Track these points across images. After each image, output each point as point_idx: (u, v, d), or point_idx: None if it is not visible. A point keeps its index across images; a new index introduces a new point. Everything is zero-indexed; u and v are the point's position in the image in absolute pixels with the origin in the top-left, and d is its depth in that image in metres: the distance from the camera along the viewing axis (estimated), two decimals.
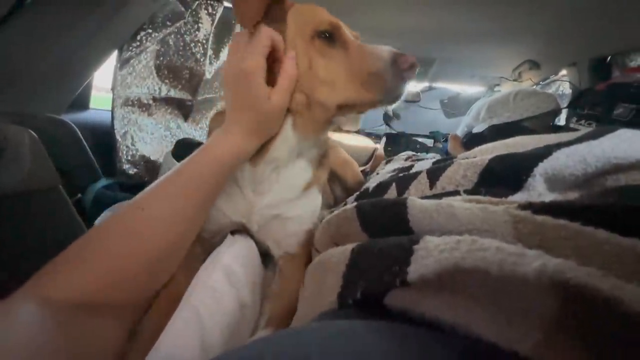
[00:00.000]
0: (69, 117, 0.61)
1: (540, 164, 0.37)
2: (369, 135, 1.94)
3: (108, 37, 0.64)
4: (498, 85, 1.69)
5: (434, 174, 0.49)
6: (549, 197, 0.36)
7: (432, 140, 2.03)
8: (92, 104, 0.92)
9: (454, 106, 2.02)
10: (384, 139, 1.55)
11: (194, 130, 1.05)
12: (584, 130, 0.46)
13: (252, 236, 0.55)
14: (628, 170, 0.35)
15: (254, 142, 0.46)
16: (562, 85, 1.39)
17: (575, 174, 0.36)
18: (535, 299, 0.15)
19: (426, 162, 0.61)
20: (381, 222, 0.32)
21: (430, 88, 1.96)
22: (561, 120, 1.25)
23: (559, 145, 0.40)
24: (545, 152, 0.39)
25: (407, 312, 0.20)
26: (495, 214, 0.23)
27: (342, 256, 0.29)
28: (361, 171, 1.02)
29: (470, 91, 1.97)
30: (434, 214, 0.26)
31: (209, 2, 0.81)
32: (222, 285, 0.44)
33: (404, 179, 0.51)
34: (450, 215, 0.25)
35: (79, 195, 0.62)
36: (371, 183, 0.64)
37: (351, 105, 0.47)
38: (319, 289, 0.32)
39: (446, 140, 2.04)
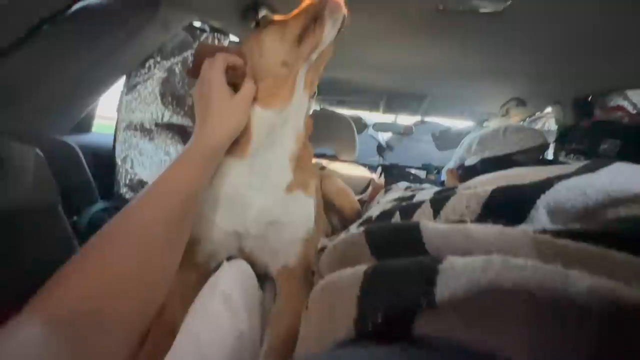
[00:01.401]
0: (71, 139, 0.61)
1: (543, 196, 0.38)
2: (362, 166, 1.98)
3: (118, 64, 0.66)
4: (487, 120, 1.77)
5: (437, 204, 0.50)
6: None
7: (425, 172, 2.07)
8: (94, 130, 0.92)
9: (445, 139, 2.10)
10: (379, 169, 1.58)
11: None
12: (575, 163, 0.48)
13: (247, 257, 0.54)
14: (627, 203, 0.37)
15: (223, 139, 0.49)
16: (548, 121, 1.46)
17: (577, 207, 0.37)
18: (585, 320, 0.15)
19: (427, 191, 0.62)
20: (393, 245, 0.32)
21: (422, 122, 2.04)
22: (549, 154, 1.31)
23: (559, 178, 0.41)
24: (546, 185, 0.40)
25: (437, 337, 0.20)
26: (513, 235, 0.23)
27: (354, 278, 0.28)
28: (358, 200, 1.02)
29: (461, 125, 2.05)
30: (449, 235, 0.26)
31: (216, 35, 0.85)
32: (221, 312, 0.43)
33: (407, 208, 0.51)
34: (466, 236, 0.25)
35: (75, 217, 0.60)
36: (374, 211, 0.64)
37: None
38: (329, 314, 0.30)
39: (438, 172, 2.08)
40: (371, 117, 2.10)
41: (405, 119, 1.98)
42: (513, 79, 1.24)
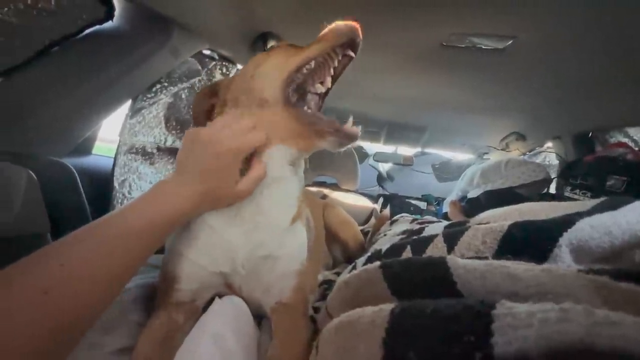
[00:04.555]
0: (70, 161, 0.59)
1: (565, 234, 0.36)
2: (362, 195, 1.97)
3: (125, 88, 0.66)
4: (487, 153, 1.78)
5: (450, 239, 0.47)
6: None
7: (425, 203, 2.06)
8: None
9: (445, 171, 2.10)
10: (381, 200, 1.56)
11: None
12: (589, 201, 0.47)
13: (237, 294, 0.50)
14: None
15: (203, 209, 0.45)
16: (548, 156, 1.48)
17: (602, 246, 0.35)
18: None
19: (437, 225, 0.59)
20: (417, 283, 0.30)
21: (422, 153, 2.05)
22: (551, 188, 1.30)
23: (580, 215, 0.39)
24: (568, 222, 0.38)
25: None
26: (565, 277, 0.21)
27: (378, 318, 0.25)
28: (360, 230, 1.00)
29: (461, 157, 2.07)
30: (486, 274, 0.24)
31: (224, 63, 0.86)
32: (213, 354, 0.39)
33: (419, 242, 0.49)
34: (509, 276, 0.23)
35: None
36: (382, 244, 0.62)
37: None
38: (346, 356, 0.27)
39: (439, 204, 2.07)
40: (372, 146, 2.11)
41: (406, 150, 2.00)
42: (513, 114, 1.26)
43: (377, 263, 0.34)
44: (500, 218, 0.58)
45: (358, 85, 1.18)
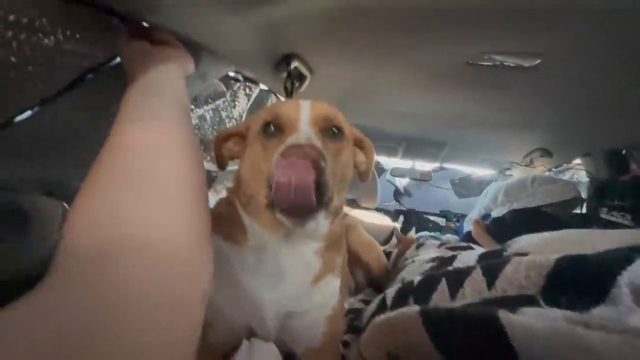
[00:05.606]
0: None
1: (625, 273, 0.34)
2: (377, 210, 1.93)
3: None
4: (509, 169, 1.73)
5: (490, 272, 0.45)
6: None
7: (444, 219, 2.00)
8: None
9: (465, 187, 2.05)
10: (401, 218, 1.53)
11: (214, 199, 1.03)
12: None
13: (266, 338, 0.49)
14: None
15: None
16: (577, 173, 1.42)
17: None
18: None
19: (469, 253, 0.57)
20: (465, 340, 0.27)
21: (441, 168, 2.01)
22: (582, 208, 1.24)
23: (639, 251, 0.36)
24: (626, 258, 0.35)
25: None
26: None
27: None
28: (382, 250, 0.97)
29: (481, 173, 2.02)
30: (552, 340, 0.22)
31: (247, 84, 0.87)
32: None
33: (454, 275, 0.47)
34: (581, 348, 0.20)
35: None
36: (412, 274, 0.59)
37: None
38: None
39: (458, 220, 2.01)
40: (389, 161, 2.09)
41: (424, 165, 1.96)
42: (538, 129, 1.22)
43: (416, 308, 0.32)
44: (540, 248, 0.55)
45: (377, 101, 1.17)
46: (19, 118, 0.44)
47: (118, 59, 0.54)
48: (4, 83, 0.41)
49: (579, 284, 0.37)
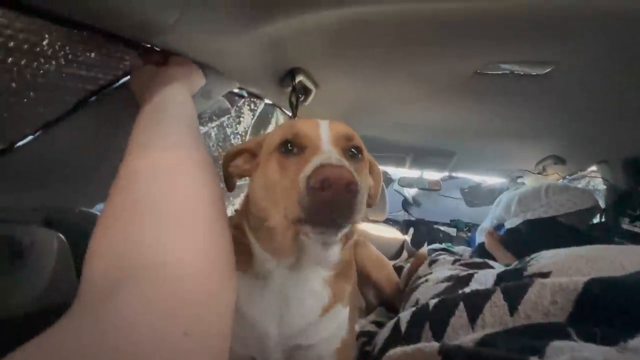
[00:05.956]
0: (99, 207, 0.59)
1: None
2: (385, 221, 1.90)
3: None
4: (521, 177, 1.69)
5: (512, 296, 0.42)
6: None
7: (455, 229, 1.96)
8: None
9: (475, 195, 2.01)
10: (411, 230, 1.50)
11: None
12: None
13: None
14: None
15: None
16: (593, 180, 1.37)
17: None
18: None
19: (488, 272, 0.54)
20: None
21: (450, 177, 1.98)
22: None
23: None
24: None
25: None
26: None
27: None
28: (392, 265, 0.93)
29: (492, 181, 1.98)
30: None
31: (252, 99, 0.87)
32: None
33: (473, 298, 0.44)
34: None
35: None
36: (426, 295, 0.56)
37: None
38: None
39: (469, 230, 1.96)
40: (396, 171, 2.07)
41: (432, 174, 1.93)
42: (550, 137, 1.19)
43: (436, 346, 0.29)
44: (563, 267, 0.52)
45: (383, 113, 1.15)
46: (19, 143, 0.43)
47: (120, 82, 0.54)
48: (4, 108, 0.40)
49: (611, 311, 0.34)
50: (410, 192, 2.06)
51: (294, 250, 0.42)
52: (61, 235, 0.36)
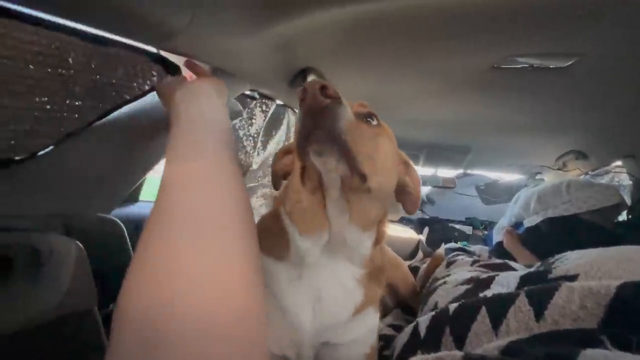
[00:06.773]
0: (116, 212, 0.59)
1: None
2: (399, 220, 1.86)
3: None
4: (539, 173, 1.63)
5: (537, 300, 0.40)
6: None
7: (471, 228, 1.91)
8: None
9: (491, 192, 1.96)
10: (426, 230, 1.47)
11: None
12: None
13: None
14: None
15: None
16: (617, 176, 1.31)
17: None
18: None
19: (510, 275, 0.52)
20: None
21: (465, 174, 1.93)
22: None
23: None
24: None
25: None
26: None
27: None
28: (408, 266, 0.92)
29: (509, 178, 1.92)
30: None
31: (264, 101, 0.86)
32: None
33: (496, 302, 0.42)
34: None
35: (111, 305, 0.55)
36: (445, 298, 0.55)
37: None
38: None
39: (486, 228, 1.91)
40: None
41: (446, 171, 1.89)
42: (572, 131, 1.14)
43: (458, 355, 0.28)
44: (591, 269, 0.49)
45: (395, 110, 1.13)
46: (41, 152, 0.44)
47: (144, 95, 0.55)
48: (28, 121, 0.41)
49: None
50: (424, 190, 2.02)
51: (324, 222, 0.43)
52: (79, 243, 0.37)
